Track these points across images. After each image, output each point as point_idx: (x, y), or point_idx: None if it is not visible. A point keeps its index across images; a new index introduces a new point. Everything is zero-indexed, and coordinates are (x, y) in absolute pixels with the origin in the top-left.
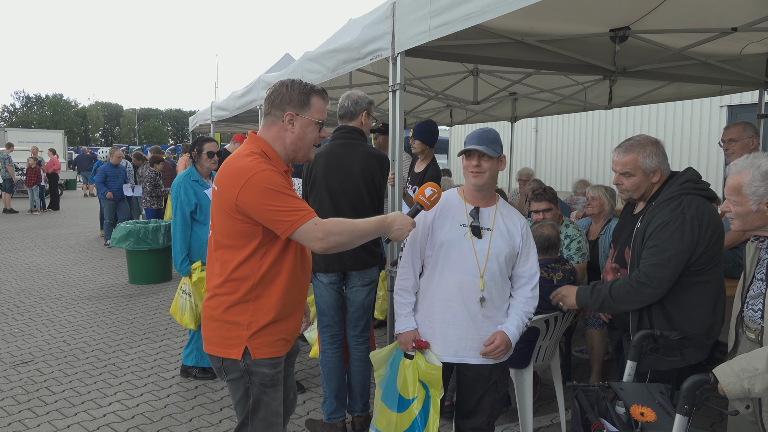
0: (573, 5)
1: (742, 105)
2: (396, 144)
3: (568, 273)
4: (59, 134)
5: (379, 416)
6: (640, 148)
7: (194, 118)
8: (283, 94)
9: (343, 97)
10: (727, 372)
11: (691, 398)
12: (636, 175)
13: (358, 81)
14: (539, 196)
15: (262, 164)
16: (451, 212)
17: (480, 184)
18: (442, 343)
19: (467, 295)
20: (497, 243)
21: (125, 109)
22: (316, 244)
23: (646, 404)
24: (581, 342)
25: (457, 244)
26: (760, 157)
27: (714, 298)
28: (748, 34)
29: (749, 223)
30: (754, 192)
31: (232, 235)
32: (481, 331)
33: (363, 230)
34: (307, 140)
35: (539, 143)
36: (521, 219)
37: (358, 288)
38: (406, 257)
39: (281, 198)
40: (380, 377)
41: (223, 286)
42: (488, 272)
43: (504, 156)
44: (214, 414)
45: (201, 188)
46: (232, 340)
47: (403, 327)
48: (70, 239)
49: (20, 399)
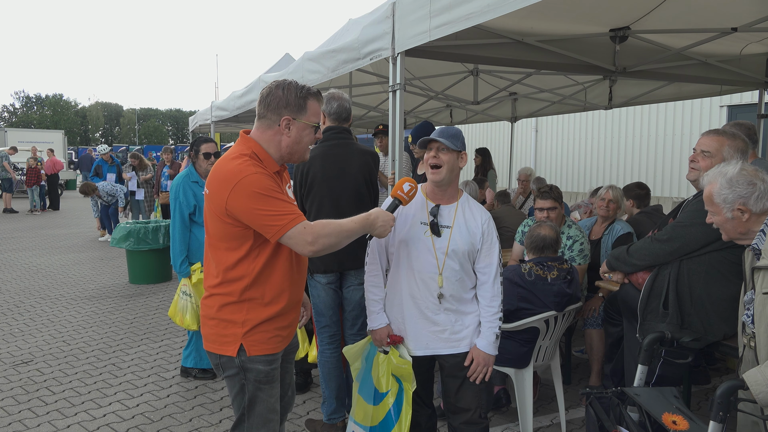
0: (573, 5)
1: (742, 105)
2: (396, 144)
3: (564, 272)
4: (59, 134)
5: (356, 408)
6: (731, 137)
7: (194, 118)
8: (279, 98)
9: (332, 97)
10: (759, 380)
11: (725, 405)
12: (715, 158)
13: (358, 81)
14: (545, 194)
15: (251, 167)
16: (413, 210)
17: (437, 180)
18: (413, 338)
19: (429, 292)
20: (456, 241)
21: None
22: (305, 248)
23: (666, 410)
24: (581, 342)
25: (417, 242)
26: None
27: (732, 301)
28: (748, 34)
29: (732, 231)
30: (723, 200)
31: (225, 238)
32: (446, 323)
33: (349, 230)
34: (303, 143)
35: (539, 143)
36: (483, 214)
37: (355, 287)
38: (372, 253)
39: (270, 202)
40: (356, 370)
41: (219, 286)
42: (447, 269)
43: (465, 153)
44: (214, 414)
45: (200, 189)
46: (227, 337)
47: (375, 324)
48: (70, 239)
49: (20, 399)
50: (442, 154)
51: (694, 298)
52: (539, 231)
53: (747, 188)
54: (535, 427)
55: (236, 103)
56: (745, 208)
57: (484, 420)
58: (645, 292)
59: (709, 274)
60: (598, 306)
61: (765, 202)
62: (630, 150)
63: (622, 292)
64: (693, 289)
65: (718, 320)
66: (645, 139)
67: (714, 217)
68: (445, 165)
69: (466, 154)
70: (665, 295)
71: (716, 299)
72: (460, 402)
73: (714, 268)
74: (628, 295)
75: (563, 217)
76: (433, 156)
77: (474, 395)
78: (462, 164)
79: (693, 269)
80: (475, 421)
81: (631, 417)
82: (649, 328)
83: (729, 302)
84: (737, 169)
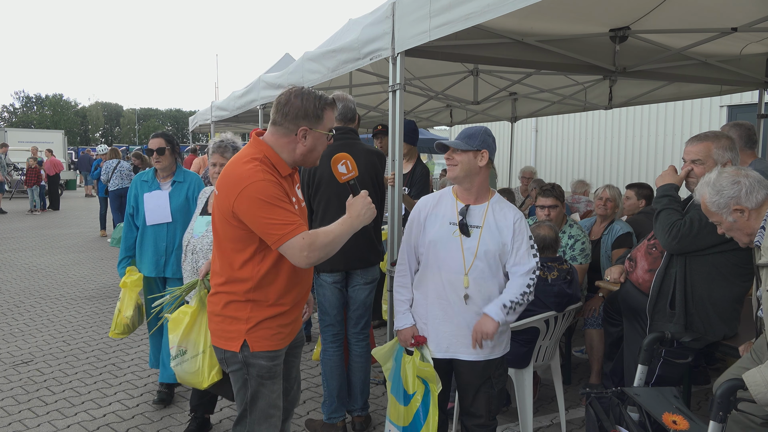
0: (573, 5)
1: (742, 105)
2: (396, 144)
3: (564, 272)
4: (59, 134)
5: (390, 408)
6: (714, 139)
7: (194, 118)
8: (297, 108)
9: (337, 98)
10: (759, 380)
11: (725, 404)
12: (706, 164)
13: (358, 81)
14: (547, 192)
15: (260, 173)
16: (443, 210)
17: (452, 177)
18: (434, 339)
19: (455, 293)
20: (486, 241)
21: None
22: (301, 260)
23: (666, 410)
24: (581, 342)
25: (446, 243)
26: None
27: (733, 303)
28: (748, 34)
29: (742, 235)
30: (718, 206)
31: (232, 239)
32: (470, 327)
33: (341, 234)
34: (317, 151)
35: (539, 143)
36: (515, 213)
37: (360, 286)
38: (402, 254)
39: (273, 210)
40: (388, 371)
41: (225, 285)
42: (475, 270)
43: (484, 151)
44: (214, 414)
45: (146, 189)
46: (232, 333)
47: (401, 324)
48: (70, 239)
49: (20, 399)
50: (455, 155)
51: (696, 298)
52: (538, 231)
53: (733, 188)
54: (535, 427)
55: (236, 103)
56: (741, 207)
57: (493, 421)
58: (654, 291)
59: (711, 274)
60: (598, 306)
61: (757, 196)
62: (630, 150)
63: (622, 292)
64: (695, 289)
65: (718, 321)
66: (645, 139)
67: (722, 227)
68: (459, 164)
69: (486, 152)
70: (672, 295)
71: (717, 300)
72: (473, 408)
73: (716, 269)
74: (629, 295)
75: (564, 216)
76: (446, 157)
77: (487, 402)
78: (481, 163)
79: (696, 269)
80: (485, 424)
81: (631, 417)
82: (657, 328)
83: (730, 303)
84: (716, 175)
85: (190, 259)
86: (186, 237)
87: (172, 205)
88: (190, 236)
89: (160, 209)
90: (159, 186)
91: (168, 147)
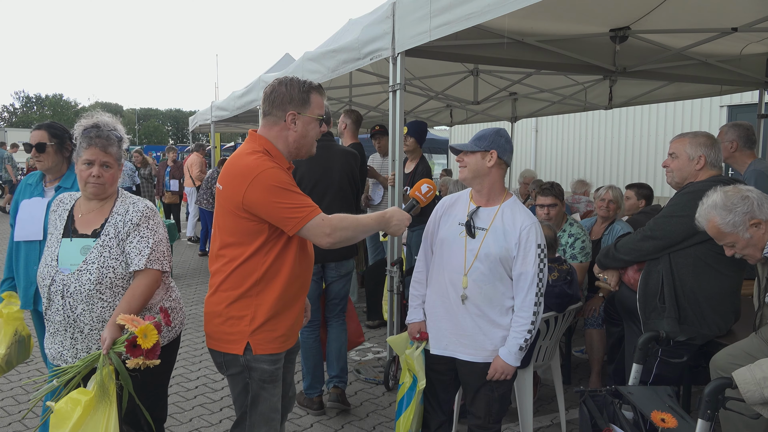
0: (573, 5)
1: (742, 105)
2: (396, 144)
3: (564, 273)
4: None
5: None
6: (692, 136)
7: (194, 118)
8: (283, 94)
9: None
10: (748, 378)
11: (713, 403)
12: (680, 157)
13: (358, 81)
14: (546, 190)
15: (267, 162)
16: (456, 211)
17: (461, 178)
18: (435, 336)
19: (455, 292)
20: (488, 243)
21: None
22: (323, 240)
23: (656, 408)
24: (581, 342)
25: (452, 242)
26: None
27: (725, 295)
28: (748, 34)
29: (756, 251)
30: (734, 225)
31: (238, 233)
32: (467, 329)
33: (365, 225)
34: (310, 137)
35: (539, 143)
36: (526, 220)
37: (336, 280)
38: (420, 251)
39: (288, 195)
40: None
41: (227, 281)
42: (474, 271)
43: (493, 152)
44: (214, 414)
45: (30, 194)
46: (234, 335)
47: (411, 318)
48: None
49: (20, 399)
50: (465, 156)
51: (686, 291)
52: None
53: (745, 203)
54: (535, 427)
55: (236, 103)
56: (757, 220)
57: (494, 425)
58: (640, 291)
59: (696, 267)
60: (599, 306)
61: (767, 206)
62: (630, 150)
63: (619, 293)
64: (684, 283)
65: (711, 313)
66: (645, 139)
67: (734, 247)
68: (467, 166)
69: (494, 152)
70: (660, 291)
71: (708, 292)
72: (473, 408)
73: (701, 261)
74: (625, 296)
75: (564, 215)
76: (457, 160)
77: (486, 405)
78: (489, 163)
79: (680, 263)
80: (485, 426)
81: (625, 416)
82: (652, 326)
83: (722, 295)
84: (721, 195)
85: (60, 305)
86: (44, 272)
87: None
88: (54, 270)
89: (32, 222)
90: (42, 192)
91: (52, 143)
